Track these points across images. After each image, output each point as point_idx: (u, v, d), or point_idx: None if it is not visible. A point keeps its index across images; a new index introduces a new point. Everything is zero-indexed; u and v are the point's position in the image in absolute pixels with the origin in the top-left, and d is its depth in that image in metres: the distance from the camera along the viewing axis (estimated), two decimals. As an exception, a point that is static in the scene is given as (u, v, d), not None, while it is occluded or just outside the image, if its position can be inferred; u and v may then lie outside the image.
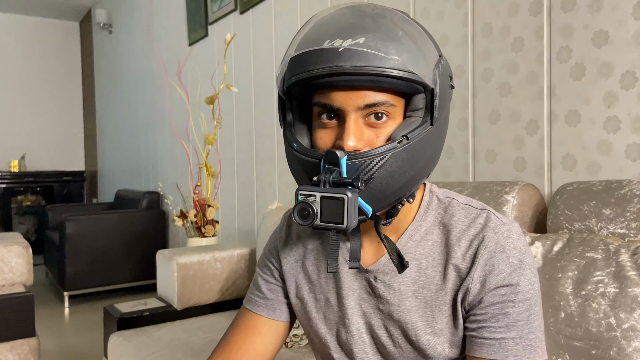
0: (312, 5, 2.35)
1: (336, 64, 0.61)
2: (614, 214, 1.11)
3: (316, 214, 0.59)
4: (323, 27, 0.65)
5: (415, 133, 0.64)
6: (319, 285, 0.80)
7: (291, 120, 0.72)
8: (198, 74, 3.47)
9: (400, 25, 0.65)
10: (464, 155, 1.66)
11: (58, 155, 6.40)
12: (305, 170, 0.66)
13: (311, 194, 0.60)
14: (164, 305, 2.02)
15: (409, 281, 0.73)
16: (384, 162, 0.62)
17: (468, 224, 0.72)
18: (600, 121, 1.31)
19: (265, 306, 0.86)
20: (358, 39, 0.61)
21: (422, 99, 0.66)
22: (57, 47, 6.44)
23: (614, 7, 1.27)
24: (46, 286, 4.32)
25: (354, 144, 0.63)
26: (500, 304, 0.67)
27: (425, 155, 0.66)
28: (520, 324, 0.67)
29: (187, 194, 3.34)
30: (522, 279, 0.68)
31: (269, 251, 0.90)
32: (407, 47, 0.63)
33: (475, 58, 1.62)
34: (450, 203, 0.75)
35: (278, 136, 2.64)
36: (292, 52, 0.67)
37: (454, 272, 0.70)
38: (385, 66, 0.61)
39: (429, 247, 0.73)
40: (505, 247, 0.69)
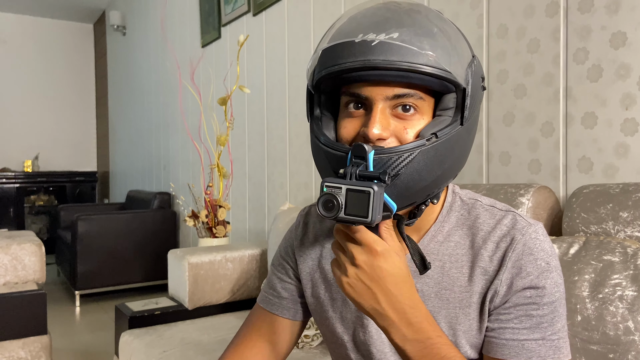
0: (326, 6, 2.36)
1: (369, 57, 0.61)
2: (631, 217, 1.10)
3: (341, 207, 0.58)
4: (356, 20, 0.65)
5: (445, 132, 0.63)
6: (336, 285, 0.79)
7: (318, 115, 0.71)
8: (211, 75, 3.48)
9: (435, 22, 0.64)
10: (478, 157, 1.65)
11: (71, 156, 6.46)
12: (331, 163, 0.66)
13: (337, 185, 0.59)
14: (175, 305, 2.03)
15: (432, 282, 0.72)
16: (411, 158, 0.61)
17: (493, 226, 0.71)
18: (618, 123, 1.29)
19: (280, 305, 0.86)
20: (392, 34, 0.61)
21: (453, 98, 0.65)
22: (71, 49, 6.51)
23: (632, 8, 1.26)
24: (58, 285, 4.36)
25: (379, 132, 0.63)
26: (525, 306, 0.67)
27: (454, 155, 0.66)
28: (544, 325, 0.66)
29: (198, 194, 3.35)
30: (548, 281, 0.67)
31: (284, 249, 0.89)
32: (442, 43, 0.62)
33: (490, 59, 1.61)
34: (474, 205, 0.74)
35: (290, 137, 2.64)
36: (324, 45, 0.67)
37: (481, 275, 0.69)
38: (418, 62, 0.60)
39: (452, 248, 0.72)
40: (533, 249, 0.68)
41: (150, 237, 3.85)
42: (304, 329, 0.90)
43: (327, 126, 0.70)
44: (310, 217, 0.88)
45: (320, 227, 0.85)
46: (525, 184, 1.37)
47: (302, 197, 2.54)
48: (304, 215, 0.89)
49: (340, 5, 2.25)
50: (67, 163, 6.41)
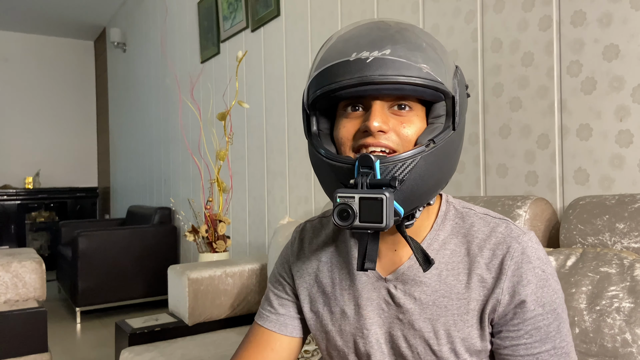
0: (324, 21, 2.38)
1: (365, 73, 0.64)
2: (627, 228, 1.10)
3: (355, 215, 0.61)
4: (348, 41, 0.68)
5: (441, 137, 0.67)
6: (334, 298, 0.80)
7: (316, 131, 0.74)
8: (210, 91, 3.51)
9: (423, 38, 0.68)
10: (475, 169, 1.65)
11: (72, 172, 6.48)
12: (337, 175, 0.67)
13: (350, 195, 0.61)
14: (175, 321, 2.02)
15: (429, 290, 0.73)
16: (414, 164, 0.64)
17: (488, 233, 0.73)
18: (613, 135, 1.30)
19: (277, 322, 0.86)
20: (385, 50, 0.64)
21: (443, 106, 0.69)
22: (71, 66, 6.57)
23: (624, 20, 1.27)
24: (58, 302, 4.34)
25: (379, 125, 0.65)
26: (532, 320, 0.69)
27: (450, 159, 0.70)
28: (552, 334, 0.69)
29: (198, 209, 3.36)
30: (547, 290, 0.69)
31: (281, 266, 0.90)
32: (431, 56, 0.66)
33: (485, 73, 1.62)
34: (468, 213, 0.76)
35: (289, 151, 2.65)
36: (318, 65, 0.70)
37: (479, 282, 0.71)
38: (413, 75, 0.64)
39: (448, 256, 0.74)
40: (531, 258, 0.70)
41: (151, 252, 3.84)
42: (304, 345, 0.90)
43: (326, 141, 0.72)
44: (306, 232, 0.89)
45: (316, 242, 0.86)
46: (522, 195, 1.37)
47: (302, 211, 2.55)
48: (300, 232, 0.90)
49: (337, 20, 2.28)
50: (68, 179, 6.42)
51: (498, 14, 1.58)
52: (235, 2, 3.11)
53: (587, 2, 1.35)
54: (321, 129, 0.74)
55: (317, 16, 2.42)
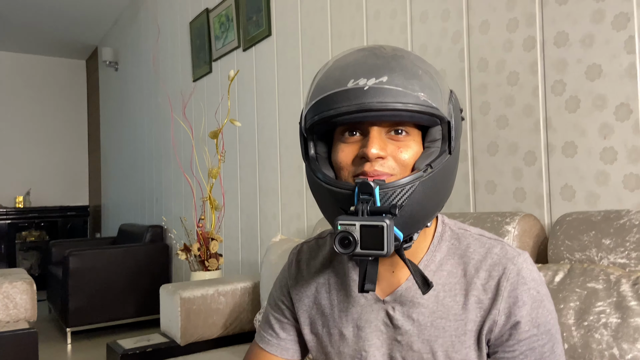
0: (314, 40, 2.42)
1: (363, 101, 0.65)
2: (613, 243, 1.12)
3: (357, 242, 0.61)
4: (345, 68, 0.69)
5: (437, 162, 0.68)
6: (333, 319, 0.80)
7: (314, 155, 0.74)
8: (202, 109, 3.53)
9: (418, 64, 0.70)
10: (465, 186, 1.68)
11: (63, 190, 6.45)
12: (337, 201, 0.68)
13: (350, 223, 0.62)
14: (167, 341, 2.01)
15: (427, 311, 0.74)
16: (413, 190, 0.66)
17: (484, 254, 0.74)
18: (597, 152, 1.33)
19: (278, 345, 0.87)
20: (382, 78, 0.66)
21: (439, 131, 0.70)
22: (63, 85, 6.57)
23: (606, 41, 1.31)
24: (49, 322, 4.29)
25: (377, 152, 0.67)
26: (527, 340, 0.70)
27: (446, 182, 0.71)
28: (546, 355, 0.70)
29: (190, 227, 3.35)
30: (542, 310, 0.71)
31: (279, 290, 0.90)
32: (427, 83, 0.68)
33: (472, 92, 1.66)
34: (464, 234, 0.77)
35: (282, 169, 2.67)
36: (315, 91, 0.71)
37: (476, 304, 0.72)
38: (410, 102, 0.65)
39: (445, 277, 0.74)
40: (527, 279, 0.71)
41: (142, 271, 3.82)
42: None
43: (324, 165, 0.73)
44: (303, 254, 0.89)
45: (314, 264, 0.86)
46: (510, 212, 1.40)
47: (295, 228, 2.56)
48: (296, 254, 0.90)
49: (328, 40, 2.32)
50: (59, 198, 6.39)
51: (484, 34, 1.62)
52: (227, 22, 3.15)
53: (570, 24, 1.39)
54: (319, 153, 0.74)
55: (308, 36, 2.46)
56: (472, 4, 1.66)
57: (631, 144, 1.26)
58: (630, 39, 1.26)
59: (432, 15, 1.79)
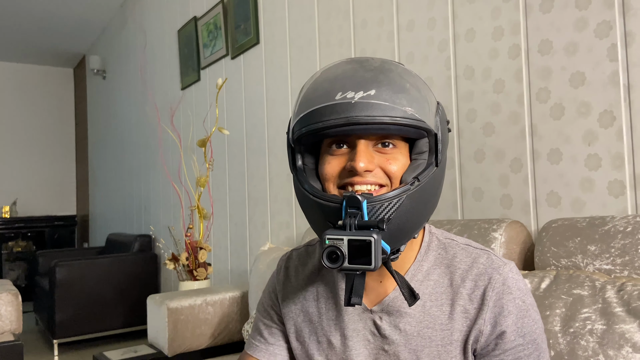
0: (302, 49, 2.42)
1: (351, 114, 0.65)
2: (599, 250, 1.13)
3: (345, 257, 0.61)
4: (333, 81, 0.69)
5: (424, 174, 0.68)
6: (321, 327, 0.80)
7: (301, 166, 0.74)
8: (190, 118, 3.52)
9: (406, 78, 0.70)
10: (452, 193, 1.68)
11: (50, 200, 6.38)
12: (325, 214, 0.68)
13: (338, 237, 0.62)
14: (155, 352, 1.99)
15: (414, 321, 0.74)
16: (400, 203, 0.66)
17: (470, 264, 0.74)
18: (582, 159, 1.34)
19: (267, 351, 0.86)
20: (370, 91, 0.66)
21: (426, 143, 0.70)
22: (50, 93, 6.53)
23: (589, 49, 1.33)
24: (35, 334, 4.23)
25: (365, 165, 0.67)
26: (512, 350, 0.70)
27: (434, 194, 0.71)
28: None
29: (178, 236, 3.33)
30: (527, 320, 0.71)
31: (268, 296, 0.90)
32: (415, 97, 0.68)
33: (459, 99, 1.67)
34: (450, 244, 0.78)
35: (270, 177, 2.66)
36: (303, 103, 0.71)
37: (462, 313, 0.72)
38: (397, 115, 0.65)
39: (432, 286, 0.75)
40: (512, 289, 0.72)
41: (130, 281, 3.78)
42: None
43: (311, 176, 0.73)
44: (292, 261, 0.89)
45: (303, 272, 0.86)
46: (497, 219, 1.40)
47: (284, 237, 2.55)
48: (285, 260, 0.90)
49: (316, 48, 2.32)
50: (46, 208, 6.32)
51: (469, 42, 1.63)
52: (215, 30, 3.15)
53: (554, 32, 1.40)
54: (306, 164, 0.74)
55: (296, 44, 2.46)
56: (458, 12, 1.67)
57: (615, 150, 1.27)
58: (613, 46, 1.28)
59: (419, 23, 1.80)
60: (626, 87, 1.26)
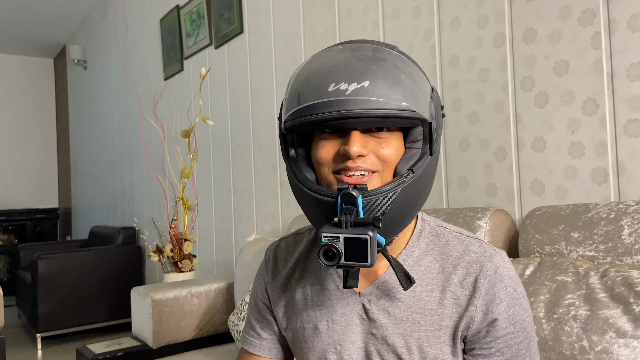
0: (287, 39, 2.40)
1: (345, 108, 0.64)
2: (582, 237, 1.14)
3: (341, 254, 0.61)
4: (326, 71, 0.67)
5: (419, 165, 0.68)
6: (307, 314, 0.80)
7: (294, 155, 0.73)
8: (174, 108, 3.47)
9: (400, 67, 0.68)
10: (438, 182, 1.68)
11: (31, 193, 6.28)
12: (320, 208, 0.67)
13: (334, 235, 0.62)
14: (139, 345, 1.97)
15: (404, 306, 0.74)
16: (395, 196, 0.65)
17: (462, 251, 0.74)
18: (565, 147, 1.35)
19: (260, 346, 0.87)
20: (363, 83, 0.64)
21: (420, 132, 0.70)
22: (30, 84, 6.40)
23: (573, 37, 1.33)
24: (18, 328, 4.17)
25: (359, 149, 0.66)
26: (503, 337, 0.70)
27: (428, 184, 0.71)
28: (522, 352, 0.70)
29: (163, 228, 3.30)
30: (518, 308, 0.71)
31: (258, 288, 0.89)
32: (410, 88, 0.66)
33: (444, 88, 1.66)
34: (442, 231, 0.78)
35: (255, 168, 2.64)
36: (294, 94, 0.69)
37: (452, 300, 0.72)
38: (392, 108, 0.64)
39: (423, 272, 0.75)
40: (504, 277, 0.72)
41: (114, 274, 3.74)
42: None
43: (304, 167, 0.72)
44: (280, 250, 0.88)
45: (290, 260, 0.85)
46: (482, 207, 1.40)
47: (270, 228, 2.54)
48: (274, 250, 0.89)
49: (300, 37, 2.30)
50: (27, 200, 6.22)
51: (454, 31, 1.62)
52: (198, 19, 3.11)
53: (538, 20, 1.40)
54: (299, 153, 0.73)
55: (280, 33, 2.44)
56: (442, 1, 1.66)
57: (598, 138, 1.28)
58: (597, 34, 1.28)
59: (404, 12, 1.79)
60: (609, 75, 1.26)
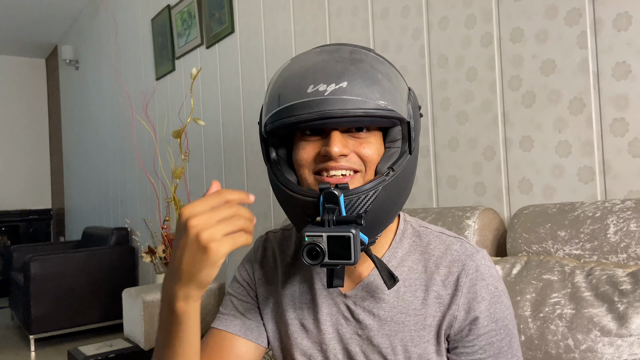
0: (277, 39, 2.40)
1: (324, 108, 0.65)
2: (568, 235, 1.14)
3: (325, 253, 0.61)
4: (305, 73, 0.68)
5: (399, 164, 0.69)
6: (293, 311, 0.80)
7: (275, 158, 0.74)
8: (165, 108, 3.46)
9: (378, 68, 0.69)
10: (428, 181, 1.69)
11: (24, 194, 6.25)
12: (302, 208, 0.68)
13: (317, 234, 0.62)
14: (131, 346, 1.97)
15: (388, 306, 0.74)
16: (376, 195, 0.66)
17: (444, 251, 0.75)
18: (552, 146, 1.35)
19: (243, 325, 0.81)
20: (341, 84, 0.65)
21: (399, 131, 0.71)
22: (22, 85, 6.37)
23: (559, 37, 1.33)
24: (11, 330, 4.16)
25: (340, 150, 0.66)
26: (485, 335, 0.71)
27: (408, 183, 0.72)
28: (504, 349, 0.71)
29: (155, 229, 3.29)
30: (500, 306, 0.72)
31: (244, 271, 0.87)
32: (387, 88, 0.67)
33: (433, 88, 1.67)
34: (424, 232, 0.79)
35: (247, 168, 2.64)
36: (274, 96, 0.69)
37: (435, 299, 0.73)
38: (370, 107, 0.65)
39: (406, 272, 0.75)
40: (485, 275, 0.73)
41: (108, 275, 3.73)
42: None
43: (286, 169, 0.73)
44: (269, 243, 0.88)
45: (279, 255, 0.85)
46: (471, 206, 1.41)
47: (261, 227, 2.54)
48: (263, 241, 0.89)
49: (291, 37, 2.30)
50: (20, 201, 6.19)
51: (443, 31, 1.63)
52: (190, 19, 3.10)
53: (525, 20, 1.41)
54: (280, 155, 0.74)
55: (271, 33, 2.43)
56: (431, 0, 1.67)
57: (584, 137, 1.29)
58: (583, 34, 1.29)
59: (393, 12, 1.80)
60: (595, 74, 1.27)
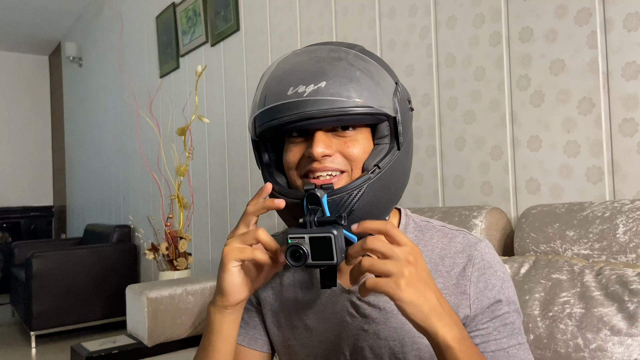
0: (283, 37, 2.39)
1: (303, 109, 0.65)
2: (577, 235, 1.14)
3: (307, 255, 0.62)
4: (284, 76, 0.69)
5: (386, 160, 0.68)
6: (296, 312, 0.80)
7: (267, 161, 0.75)
8: (169, 106, 3.46)
9: (357, 65, 0.69)
10: (433, 181, 1.69)
11: (26, 190, 6.25)
12: (288, 209, 0.68)
13: (299, 236, 0.62)
14: (134, 343, 1.96)
15: None
16: (361, 193, 0.66)
17: (447, 243, 0.75)
18: (561, 146, 1.35)
19: (247, 335, 0.84)
20: (320, 84, 0.65)
21: (386, 127, 0.70)
22: (25, 81, 6.37)
23: (569, 36, 1.33)
24: (12, 326, 4.16)
25: (322, 150, 0.67)
26: (500, 317, 0.71)
27: (398, 179, 0.71)
28: (516, 330, 0.71)
29: (158, 226, 3.29)
30: (509, 290, 0.73)
31: None
32: (366, 85, 0.67)
33: (440, 87, 1.66)
34: (426, 226, 0.79)
35: (251, 166, 2.64)
36: (259, 99, 0.71)
37: (441, 290, 0.72)
38: (347, 106, 0.65)
39: None
40: (492, 262, 0.73)
41: (109, 272, 3.73)
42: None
43: (276, 172, 0.74)
44: None
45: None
46: (478, 206, 1.41)
47: (265, 226, 2.53)
48: None
49: (297, 36, 2.30)
50: (21, 198, 6.19)
51: (451, 30, 1.63)
52: (194, 17, 3.10)
53: (534, 19, 1.40)
54: (271, 158, 0.75)
55: (277, 31, 2.43)
56: (439, -1, 1.67)
57: (593, 137, 1.29)
58: (592, 34, 1.28)
59: (400, 11, 1.79)
60: (605, 74, 1.27)
